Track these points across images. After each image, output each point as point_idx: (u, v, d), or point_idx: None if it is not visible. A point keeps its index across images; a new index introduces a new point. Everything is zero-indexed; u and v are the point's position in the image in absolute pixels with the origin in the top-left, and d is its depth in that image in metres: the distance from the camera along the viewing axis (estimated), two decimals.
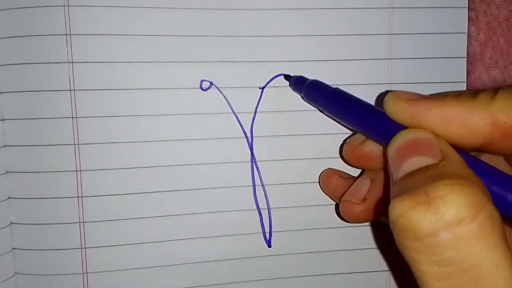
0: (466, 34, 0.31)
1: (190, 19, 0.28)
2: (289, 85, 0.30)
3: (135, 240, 0.29)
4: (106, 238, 0.29)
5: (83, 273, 0.29)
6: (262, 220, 0.30)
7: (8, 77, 0.27)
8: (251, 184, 0.30)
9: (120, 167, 0.28)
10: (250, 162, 0.30)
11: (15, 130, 0.28)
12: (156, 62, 0.28)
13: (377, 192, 0.27)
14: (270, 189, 0.30)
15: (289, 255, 0.31)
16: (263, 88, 0.29)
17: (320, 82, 0.28)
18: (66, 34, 0.27)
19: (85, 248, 0.29)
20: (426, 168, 0.20)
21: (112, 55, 0.28)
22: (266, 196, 0.30)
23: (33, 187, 0.28)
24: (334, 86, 0.28)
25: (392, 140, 0.22)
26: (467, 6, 0.30)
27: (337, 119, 0.29)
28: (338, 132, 0.30)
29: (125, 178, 0.29)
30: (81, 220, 0.28)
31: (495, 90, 0.21)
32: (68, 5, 0.27)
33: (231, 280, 0.30)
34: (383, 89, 0.30)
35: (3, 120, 0.28)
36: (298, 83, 0.29)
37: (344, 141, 0.30)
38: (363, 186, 0.28)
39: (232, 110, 0.29)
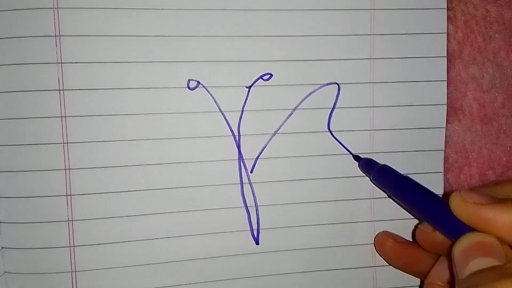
0: (446, 34, 0.32)
1: (177, 20, 0.29)
2: (358, 166, 0.32)
3: (123, 238, 0.30)
4: (95, 236, 0.30)
5: (71, 272, 0.29)
6: (250, 217, 0.31)
7: None
8: (239, 182, 0.31)
9: (109, 165, 0.29)
10: (237, 160, 0.31)
11: (4, 129, 0.28)
12: (144, 62, 0.29)
13: None
14: (257, 187, 0.31)
15: (277, 252, 0.32)
16: (249, 87, 0.31)
17: (390, 167, 0.30)
18: (55, 36, 0.28)
19: (73, 246, 0.29)
20: (493, 268, 0.21)
21: (101, 55, 0.29)
22: (253, 194, 0.31)
23: (22, 185, 0.29)
24: (405, 174, 0.30)
25: (458, 241, 0.23)
26: (446, 7, 0.32)
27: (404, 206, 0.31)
28: (324, 130, 0.32)
29: (114, 176, 0.29)
30: (70, 219, 0.29)
31: None
32: (58, 7, 0.28)
33: (219, 278, 0.31)
34: (365, 88, 0.32)
35: None
36: (368, 166, 0.31)
37: (416, 226, 0.32)
38: (446, 268, 0.29)
39: (220, 109, 0.30)
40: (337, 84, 0.32)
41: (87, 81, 0.29)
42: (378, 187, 0.32)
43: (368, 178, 0.32)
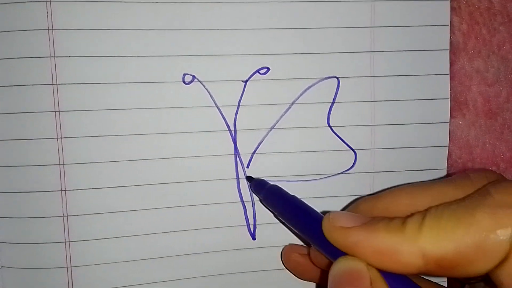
0: (449, 27, 0.31)
1: (172, 13, 0.29)
2: (249, 187, 0.31)
3: (118, 233, 0.30)
4: (90, 231, 0.30)
5: (67, 267, 0.30)
6: (246, 212, 0.31)
7: None
8: (235, 177, 0.31)
9: (103, 160, 0.29)
10: (233, 155, 0.31)
11: None
12: (139, 56, 0.29)
13: None
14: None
15: (274, 248, 0.32)
16: (246, 81, 0.30)
17: (279, 188, 0.30)
18: (48, 29, 0.28)
19: (69, 242, 0.29)
20: None
21: (94, 49, 0.29)
22: (249, 189, 0.31)
23: (16, 181, 0.29)
24: (292, 194, 0.29)
25: (331, 267, 0.23)
26: None
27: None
28: (323, 125, 0.31)
29: (109, 171, 0.30)
30: (65, 214, 0.29)
31: (422, 216, 0.21)
32: (50, 0, 0.28)
33: (216, 273, 0.31)
34: (366, 82, 0.31)
35: None
36: (258, 187, 0.30)
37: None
38: None
39: (215, 103, 0.30)
40: (337, 78, 0.31)
41: (81, 75, 0.29)
42: (268, 209, 0.31)
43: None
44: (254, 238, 0.31)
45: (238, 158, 0.31)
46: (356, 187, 0.32)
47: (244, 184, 0.31)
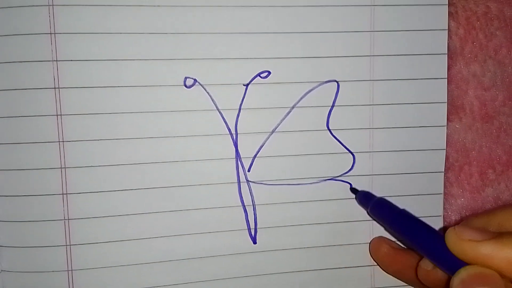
0: (447, 31, 0.32)
1: (174, 17, 0.29)
2: (355, 198, 0.32)
3: (120, 237, 0.30)
4: (91, 235, 0.30)
5: (68, 271, 0.30)
6: (247, 216, 0.31)
7: None
8: (236, 180, 0.31)
9: (105, 164, 0.30)
10: (234, 159, 0.31)
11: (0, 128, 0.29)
12: (140, 59, 0.29)
13: None
14: (255, 186, 0.31)
15: (274, 252, 0.32)
16: (247, 85, 0.31)
17: (386, 201, 0.31)
18: (50, 33, 0.28)
19: (70, 245, 0.29)
20: None
21: (96, 53, 0.29)
22: (251, 193, 0.31)
23: (18, 184, 0.29)
24: (402, 208, 0.30)
25: (457, 273, 0.24)
26: (447, 4, 0.32)
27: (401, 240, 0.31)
28: (323, 128, 0.32)
29: (110, 175, 0.30)
30: (66, 217, 0.29)
31: None
32: (53, 4, 0.28)
33: (216, 277, 0.32)
34: (365, 86, 0.32)
35: None
36: (365, 199, 0.31)
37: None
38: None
39: (217, 107, 0.30)
40: (336, 82, 0.32)
41: (83, 79, 0.29)
42: (375, 220, 0.32)
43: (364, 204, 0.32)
44: (255, 242, 0.32)
45: (239, 162, 0.31)
46: None
47: (245, 188, 0.31)
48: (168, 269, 0.31)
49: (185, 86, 0.30)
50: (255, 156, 0.31)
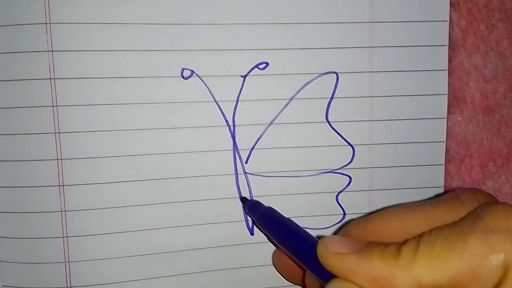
0: (448, 22, 0.32)
1: (171, 8, 0.29)
2: (242, 207, 0.31)
3: (117, 229, 0.30)
4: (88, 227, 0.30)
5: (65, 262, 0.30)
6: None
7: None
8: (234, 172, 0.31)
9: (102, 155, 0.30)
10: (232, 151, 0.31)
11: None
12: (137, 50, 0.29)
13: None
14: (252, 178, 0.31)
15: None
16: (245, 76, 0.31)
17: (273, 211, 0.30)
18: (45, 23, 0.28)
19: (67, 237, 0.30)
20: None
21: (93, 43, 0.29)
22: (248, 184, 0.31)
23: (14, 176, 0.29)
24: (287, 217, 0.29)
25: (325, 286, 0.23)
26: None
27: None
28: (322, 120, 0.32)
29: (106, 166, 0.30)
30: (63, 209, 0.29)
31: (416, 243, 0.22)
32: None
33: (214, 268, 0.32)
34: (364, 77, 0.32)
35: None
36: (253, 208, 0.30)
37: None
38: None
39: (214, 98, 0.30)
40: (336, 73, 0.31)
41: (79, 70, 0.29)
42: (262, 232, 0.31)
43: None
44: (252, 234, 0.32)
45: (236, 154, 0.31)
46: (354, 183, 0.33)
47: (243, 180, 0.31)
48: (165, 260, 0.31)
49: (183, 77, 0.30)
50: (252, 148, 0.31)
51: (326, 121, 0.32)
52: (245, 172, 0.31)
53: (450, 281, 0.20)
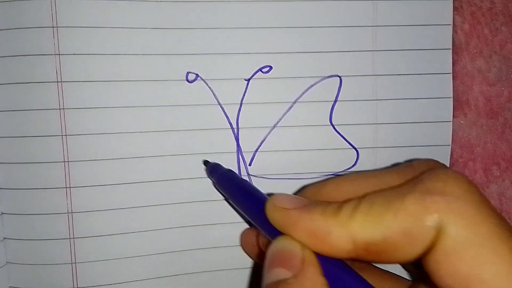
0: (452, 26, 0.32)
1: (176, 12, 0.30)
2: (205, 170, 0.31)
3: (123, 229, 0.31)
4: (95, 228, 0.30)
5: (71, 263, 0.30)
6: None
7: None
8: (237, 174, 0.31)
9: (108, 157, 0.30)
10: (236, 153, 0.31)
11: (3, 121, 0.29)
12: (143, 54, 0.30)
13: None
14: (256, 179, 0.32)
15: None
16: (248, 79, 0.31)
17: (232, 173, 0.30)
18: (52, 27, 0.29)
19: (73, 238, 0.30)
20: (282, 282, 0.22)
21: (99, 47, 0.29)
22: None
23: (21, 178, 0.30)
24: (243, 178, 0.30)
25: (269, 247, 0.23)
26: None
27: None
28: (325, 123, 0.32)
29: (112, 168, 0.30)
30: (70, 211, 0.30)
31: (357, 202, 0.22)
32: None
33: (218, 268, 0.32)
34: (368, 81, 0.32)
35: None
36: (213, 171, 0.31)
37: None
38: None
39: (218, 101, 0.31)
40: (339, 76, 0.32)
41: (85, 73, 0.29)
42: (222, 194, 0.31)
43: None
44: None
45: (240, 156, 0.31)
46: None
47: None
48: (170, 260, 0.31)
49: (187, 80, 0.30)
50: (256, 150, 0.31)
51: (330, 124, 0.32)
52: (248, 174, 0.32)
53: (384, 238, 0.20)
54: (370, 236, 0.21)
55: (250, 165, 0.32)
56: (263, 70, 0.31)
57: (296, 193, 0.30)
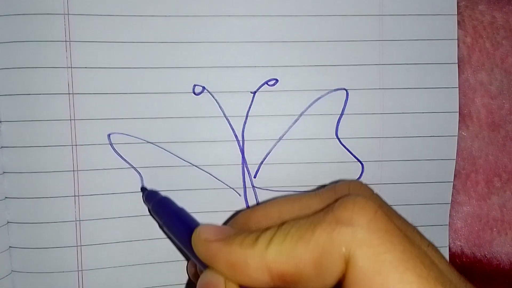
0: (456, 41, 0.33)
1: (183, 26, 0.31)
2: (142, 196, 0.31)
3: (130, 237, 0.31)
4: (101, 236, 0.31)
5: (78, 271, 0.31)
6: None
7: (8, 81, 0.30)
8: (242, 186, 0.32)
9: (116, 167, 0.31)
10: (241, 165, 0.32)
11: (14, 131, 0.30)
12: (151, 67, 0.31)
13: None
14: (260, 192, 0.32)
15: None
16: (254, 92, 0.32)
17: (167, 200, 0.30)
18: (65, 41, 0.30)
19: (80, 246, 0.31)
20: None
21: (109, 61, 0.30)
22: (256, 198, 0.32)
23: (30, 186, 0.30)
24: (180, 207, 0.30)
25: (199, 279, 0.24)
26: (456, 13, 0.32)
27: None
28: (331, 137, 0.32)
29: (120, 178, 0.31)
30: (78, 219, 0.31)
31: (274, 231, 0.22)
32: (68, 14, 0.30)
33: None
34: (374, 94, 0.33)
35: (0, 122, 0.30)
36: (149, 198, 0.31)
37: None
38: None
39: (224, 114, 0.32)
40: (346, 90, 0.32)
41: (96, 86, 0.30)
42: (156, 220, 0.31)
43: None
44: None
45: (245, 168, 0.32)
46: None
47: (251, 193, 0.32)
48: (176, 268, 0.32)
49: (194, 93, 0.31)
50: (261, 162, 0.32)
51: (335, 137, 0.32)
52: (253, 186, 0.32)
53: (296, 268, 0.21)
54: (284, 267, 0.21)
55: (255, 177, 0.32)
56: (269, 83, 0.32)
57: (229, 219, 0.30)
